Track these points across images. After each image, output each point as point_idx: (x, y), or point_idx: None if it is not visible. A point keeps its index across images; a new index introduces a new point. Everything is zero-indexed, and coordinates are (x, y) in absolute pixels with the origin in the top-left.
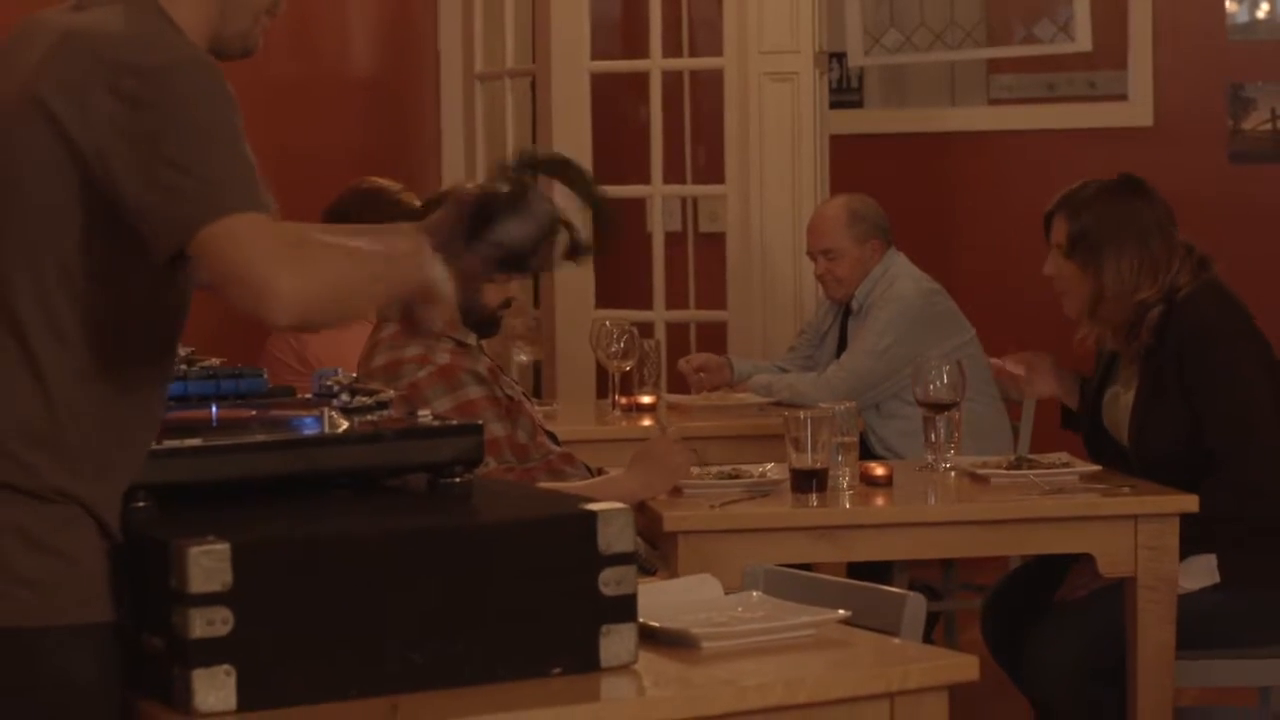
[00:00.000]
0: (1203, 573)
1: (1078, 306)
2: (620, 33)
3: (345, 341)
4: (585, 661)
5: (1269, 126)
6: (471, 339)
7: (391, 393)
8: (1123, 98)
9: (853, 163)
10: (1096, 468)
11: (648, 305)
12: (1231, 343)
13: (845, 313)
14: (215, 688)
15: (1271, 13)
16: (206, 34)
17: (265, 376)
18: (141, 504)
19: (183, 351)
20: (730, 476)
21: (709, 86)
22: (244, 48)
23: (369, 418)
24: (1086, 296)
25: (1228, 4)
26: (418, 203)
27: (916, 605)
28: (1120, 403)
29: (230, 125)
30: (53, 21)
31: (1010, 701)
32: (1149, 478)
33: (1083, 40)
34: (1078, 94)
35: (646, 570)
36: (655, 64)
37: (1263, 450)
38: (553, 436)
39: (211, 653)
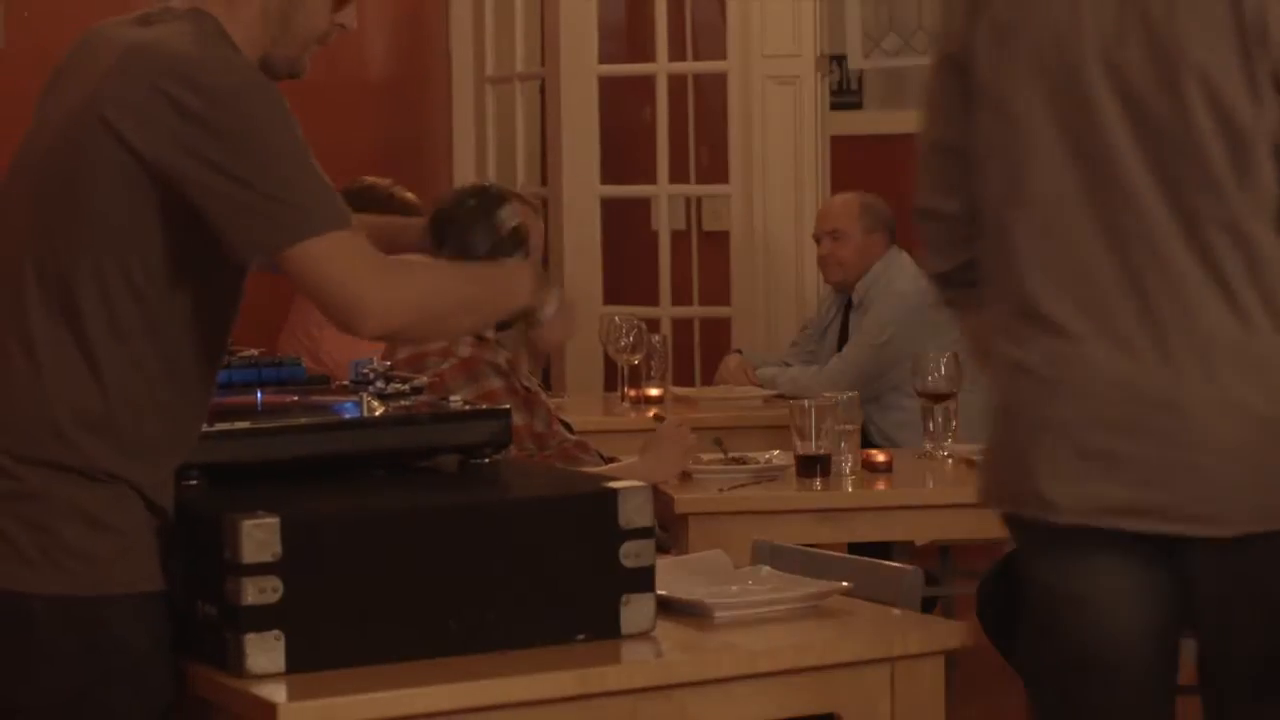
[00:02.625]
0: None
1: None
2: (626, 37)
3: (358, 341)
4: (607, 628)
5: None
6: (490, 333)
7: (424, 379)
8: None
9: (853, 163)
10: None
11: (654, 301)
12: None
13: (847, 308)
14: (266, 651)
15: None
16: (257, 55)
17: (304, 365)
18: (194, 482)
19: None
20: (738, 462)
21: (712, 89)
22: (291, 71)
23: (403, 403)
24: None
25: None
26: (409, 196)
27: (914, 579)
28: None
29: (300, 143)
30: (117, 36)
31: (1009, 684)
32: None
33: None
34: None
35: (659, 548)
36: (661, 68)
37: None
38: (567, 426)
39: (262, 619)
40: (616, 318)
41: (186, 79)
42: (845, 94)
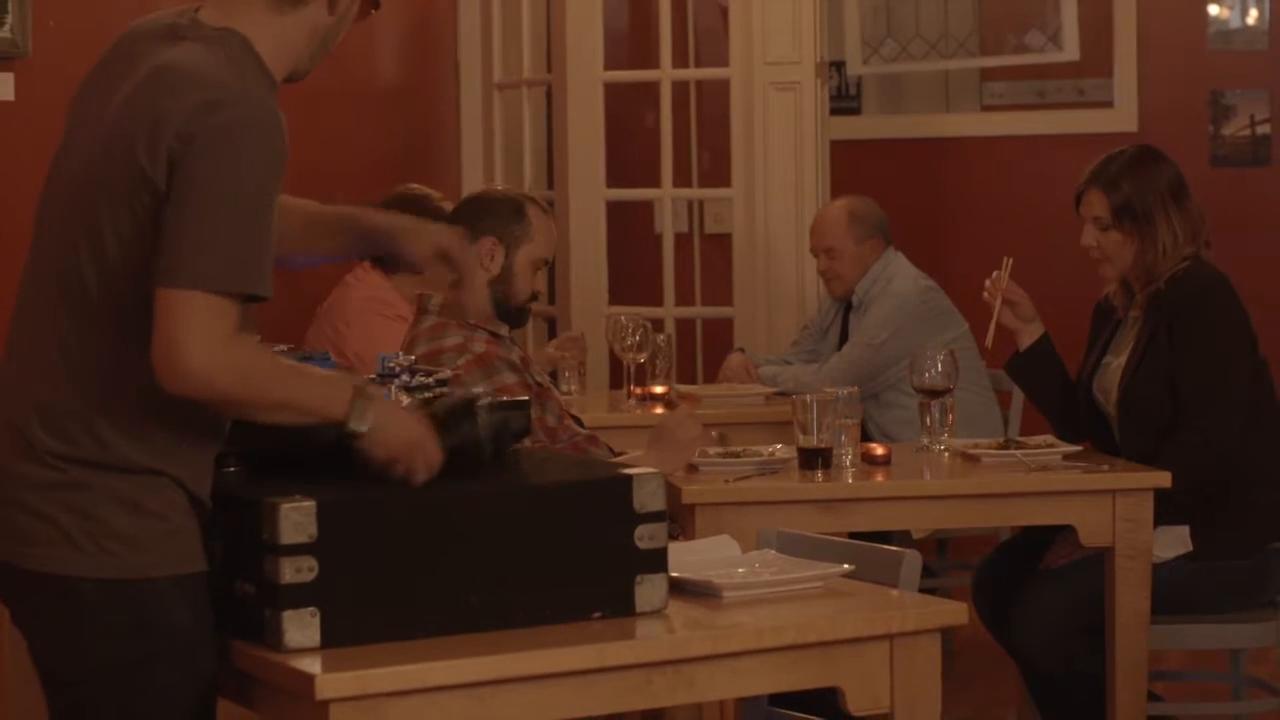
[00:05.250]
0: (1176, 543)
1: (1120, 271)
2: (631, 45)
3: (381, 337)
4: (622, 607)
5: (1248, 132)
6: (504, 330)
7: (449, 372)
8: (1109, 104)
9: (852, 167)
10: (1079, 448)
11: (658, 302)
12: (1220, 312)
13: (847, 308)
14: (302, 627)
15: (1260, 18)
16: (288, 68)
17: (333, 359)
18: (233, 469)
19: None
20: (742, 455)
21: (715, 95)
22: (303, 76)
23: (427, 395)
24: (1132, 260)
25: (1210, 14)
26: (448, 207)
27: (913, 561)
28: (1111, 369)
29: (263, 200)
30: (149, 50)
31: (1004, 672)
32: (1130, 441)
33: (1071, 50)
34: (1066, 101)
35: (669, 535)
36: (665, 74)
37: (1229, 418)
38: (578, 421)
39: (299, 596)
40: (622, 317)
41: (193, 105)
42: (844, 99)
